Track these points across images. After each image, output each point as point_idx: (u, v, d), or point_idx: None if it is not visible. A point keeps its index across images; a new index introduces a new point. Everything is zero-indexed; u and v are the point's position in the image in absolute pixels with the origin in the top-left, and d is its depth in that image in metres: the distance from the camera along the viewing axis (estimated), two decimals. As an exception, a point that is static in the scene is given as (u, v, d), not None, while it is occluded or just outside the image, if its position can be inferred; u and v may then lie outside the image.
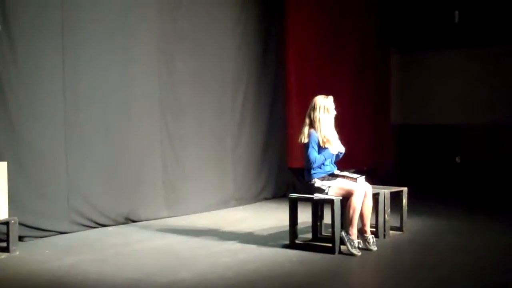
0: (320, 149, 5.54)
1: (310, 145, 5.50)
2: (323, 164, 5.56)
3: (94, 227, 6.57)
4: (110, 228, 6.62)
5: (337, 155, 5.66)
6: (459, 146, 10.44)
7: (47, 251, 5.57)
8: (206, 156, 7.90)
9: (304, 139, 5.55)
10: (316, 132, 5.53)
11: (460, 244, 5.81)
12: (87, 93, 6.52)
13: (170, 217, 7.28)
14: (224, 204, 8.06)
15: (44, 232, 6.12)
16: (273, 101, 8.95)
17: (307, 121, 5.59)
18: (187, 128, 7.62)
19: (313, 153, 5.51)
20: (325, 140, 5.51)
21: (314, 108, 5.55)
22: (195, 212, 7.56)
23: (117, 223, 6.77)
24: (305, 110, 5.72)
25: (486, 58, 10.16)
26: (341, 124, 5.79)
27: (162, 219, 7.15)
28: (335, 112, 5.62)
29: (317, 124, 5.53)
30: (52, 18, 6.19)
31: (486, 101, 10.15)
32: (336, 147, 5.56)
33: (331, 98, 5.62)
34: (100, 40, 6.59)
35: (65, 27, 6.28)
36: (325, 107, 5.54)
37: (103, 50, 6.62)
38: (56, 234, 6.21)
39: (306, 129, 5.58)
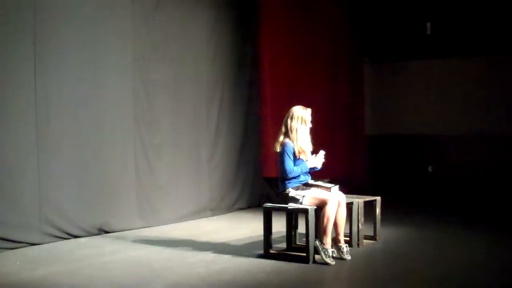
0: (295, 159, 5.55)
1: (286, 155, 5.52)
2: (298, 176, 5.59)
3: (66, 238, 6.48)
4: (82, 240, 6.53)
5: (311, 169, 5.69)
6: (432, 155, 10.55)
7: (17, 263, 5.48)
8: (180, 166, 7.85)
9: (279, 148, 5.56)
10: (292, 142, 5.54)
11: (433, 254, 5.86)
12: (59, 102, 6.45)
13: (144, 227, 7.22)
14: (199, 214, 8.02)
15: (14, 243, 6.02)
16: (248, 110, 8.95)
17: (283, 129, 5.61)
18: (161, 138, 7.58)
19: (289, 164, 5.52)
20: (300, 150, 5.54)
21: (291, 118, 5.57)
22: (169, 223, 7.51)
23: (90, 234, 6.70)
24: (280, 120, 5.74)
25: (458, 69, 10.32)
26: (315, 134, 5.82)
27: (136, 230, 7.09)
28: (311, 125, 5.65)
29: (293, 134, 5.55)
30: (24, 26, 6.13)
31: (458, 111, 10.29)
32: (311, 161, 5.58)
33: (309, 110, 5.65)
34: (73, 49, 6.54)
35: (37, 35, 6.21)
36: (302, 118, 5.57)
37: (76, 58, 6.57)
38: (27, 246, 6.11)
39: (281, 138, 5.60)
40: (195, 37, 8.02)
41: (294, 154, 5.55)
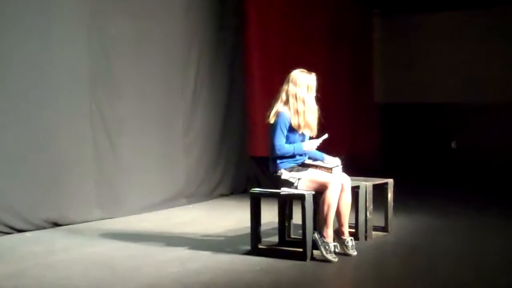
0: (294, 134, 5.54)
1: (278, 128, 5.51)
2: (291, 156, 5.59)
3: (8, 233, 6.45)
4: (28, 234, 6.50)
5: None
6: (455, 129, 10.59)
7: None
8: (149, 144, 7.85)
9: (272, 119, 5.55)
10: (290, 113, 5.53)
11: (456, 248, 5.89)
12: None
13: (104, 219, 7.22)
14: (172, 202, 8.03)
15: None
16: (232, 75, 8.93)
17: (283, 97, 5.60)
18: (125, 109, 7.55)
19: (279, 139, 5.51)
20: (305, 124, 5.54)
21: (295, 84, 5.58)
22: (135, 213, 7.51)
23: (36, 227, 6.66)
24: (270, 87, 5.73)
25: (486, 23, 10.27)
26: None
27: (94, 222, 7.08)
28: (315, 93, 5.67)
29: (298, 104, 5.54)
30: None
31: (488, 74, 10.28)
32: (308, 143, 5.58)
33: (314, 75, 5.66)
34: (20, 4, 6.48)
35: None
36: (308, 86, 5.60)
37: (22, 20, 6.49)
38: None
39: (278, 106, 5.59)
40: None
41: (290, 127, 5.53)
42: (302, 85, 5.57)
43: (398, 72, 11.06)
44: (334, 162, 5.69)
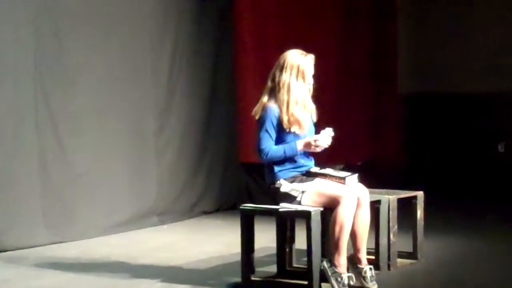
0: (284, 134, 5.55)
1: (263, 126, 5.52)
2: (287, 159, 5.58)
3: None
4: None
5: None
6: (503, 126, 10.60)
7: None
8: (111, 147, 7.87)
9: (258, 114, 5.57)
10: (279, 106, 5.54)
11: (503, 278, 5.88)
12: None
13: (54, 243, 7.23)
14: (140, 222, 8.06)
15: None
16: (216, 61, 8.97)
17: (269, 84, 5.62)
18: (79, 103, 7.56)
19: (265, 140, 5.52)
20: (292, 120, 5.54)
21: (282, 68, 5.57)
22: (93, 236, 7.53)
23: (-33, 254, 6.70)
24: (265, 75, 5.73)
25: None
26: (321, 95, 5.81)
27: (41, 247, 7.08)
28: (312, 81, 5.64)
29: (283, 94, 5.53)
30: None
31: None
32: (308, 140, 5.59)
33: (311, 57, 5.64)
34: None
35: None
36: (299, 69, 5.56)
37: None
38: None
39: (264, 99, 5.60)
40: None
41: (280, 125, 5.54)
42: (290, 68, 5.55)
43: (428, 55, 11.08)
44: (347, 172, 5.71)
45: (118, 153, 7.96)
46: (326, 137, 5.57)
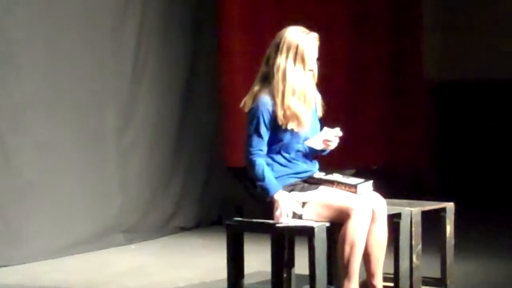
0: (279, 132, 5.56)
1: (253, 122, 5.53)
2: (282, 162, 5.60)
3: None
4: None
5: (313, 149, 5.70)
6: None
7: None
8: (63, 149, 7.88)
9: (247, 106, 5.58)
10: (273, 97, 5.55)
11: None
12: None
13: (-4, 267, 7.25)
14: (102, 241, 8.08)
15: None
16: (195, 43, 9.01)
17: (263, 70, 5.63)
18: (24, 94, 7.57)
19: (255, 139, 5.53)
20: (288, 114, 5.54)
21: (277, 48, 5.58)
22: (42, 258, 7.53)
23: None
24: (258, 60, 5.76)
25: None
26: (330, 87, 5.80)
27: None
28: (315, 66, 5.65)
29: (276, 82, 5.54)
30: None
31: None
32: (311, 140, 5.60)
33: (313, 36, 5.64)
34: None
35: None
36: (298, 51, 5.56)
37: None
38: None
39: (256, 87, 5.61)
40: None
41: (275, 120, 5.54)
42: (287, 48, 5.55)
43: (460, 35, 11.14)
44: (359, 179, 5.71)
45: (72, 156, 7.96)
46: (329, 136, 5.58)
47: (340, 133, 5.58)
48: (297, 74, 5.56)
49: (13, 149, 7.52)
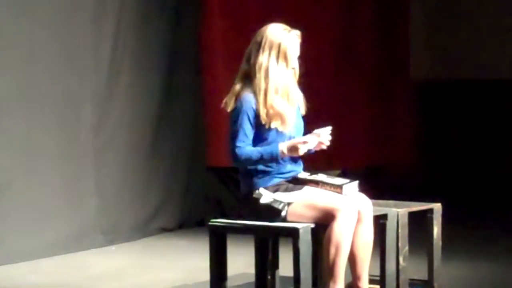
0: (263, 131, 5.55)
1: (238, 121, 5.53)
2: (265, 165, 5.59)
3: None
4: None
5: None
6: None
7: None
8: (38, 145, 7.87)
9: (230, 106, 5.58)
10: (256, 96, 5.54)
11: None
12: None
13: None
14: (80, 242, 8.05)
15: None
16: (175, 36, 9.02)
17: (244, 68, 5.63)
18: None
19: (239, 138, 5.52)
20: (271, 113, 5.53)
21: (259, 46, 5.58)
22: (18, 260, 7.51)
23: None
24: (240, 54, 5.76)
25: None
26: (315, 86, 5.78)
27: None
28: (297, 64, 5.66)
29: (259, 80, 5.54)
30: None
31: None
32: (295, 142, 5.57)
33: (295, 33, 5.66)
34: None
35: None
36: (280, 49, 5.57)
37: None
38: None
39: (237, 86, 5.60)
40: None
41: (259, 119, 5.54)
42: (270, 46, 5.55)
43: (448, 34, 11.15)
44: (344, 179, 5.71)
45: (47, 154, 7.94)
46: (325, 136, 5.56)
47: (330, 131, 5.57)
48: (280, 73, 5.57)
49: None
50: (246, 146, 5.51)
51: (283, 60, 5.57)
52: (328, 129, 5.57)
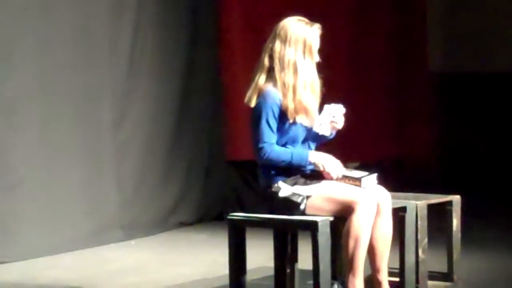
0: (286, 125, 5.57)
1: (262, 116, 5.53)
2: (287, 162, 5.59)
3: None
4: None
5: (319, 137, 5.72)
6: None
7: None
8: (57, 143, 7.88)
9: (254, 101, 5.59)
10: (281, 91, 5.57)
11: None
12: None
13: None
14: (100, 237, 8.08)
15: None
16: (194, 33, 9.01)
17: (265, 63, 5.63)
18: (16, 85, 7.57)
19: (266, 133, 5.52)
20: (299, 107, 5.57)
21: (284, 41, 5.59)
22: (38, 255, 7.54)
23: None
24: (259, 48, 5.75)
25: None
26: (332, 81, 5.83)
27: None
28: (318, 58, 5.67)
29: (287, 76, 5.55)
30: None
31: None
32: (317, 125, 5.61)
33: (317, 27, 5.67)
34: None
35: None
36: (306, 44, 5.60)
37: None
38: None
39: (260, 80, 5.61)
40: None
41: (283, 114, 5.57)
42: (295, 41, 5.57)
43: (466, 24, 11.14)
44: (363, 172, 5.74)
45: (67, 151, 7.96)
46: (339, 117, 5.58)
47: (344, 110, 5.60)
48: (307, 67, 5.60)
49: (7, 145, 7.54)
50: (273, 144, 5.52)
51: (309, 55, 5.59)
52: (340, 108, 5.60)
